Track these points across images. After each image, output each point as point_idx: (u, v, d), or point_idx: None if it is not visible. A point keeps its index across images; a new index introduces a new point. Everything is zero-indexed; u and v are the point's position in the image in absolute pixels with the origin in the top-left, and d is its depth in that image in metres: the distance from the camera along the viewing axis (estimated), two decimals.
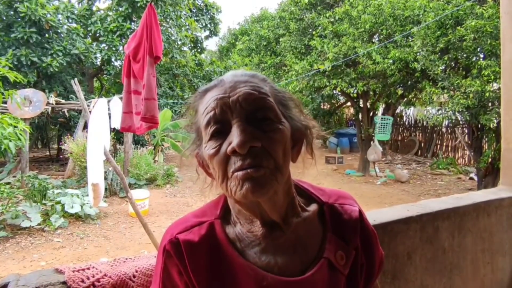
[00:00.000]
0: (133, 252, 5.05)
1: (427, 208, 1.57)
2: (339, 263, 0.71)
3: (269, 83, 0.70)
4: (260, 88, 0.65)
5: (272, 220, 0.68)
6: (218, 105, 0.63)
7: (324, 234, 0.74)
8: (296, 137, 0.69)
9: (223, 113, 0.63)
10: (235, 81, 0.65)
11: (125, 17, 11.25)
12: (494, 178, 7.10)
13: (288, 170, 0.67)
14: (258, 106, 0.63)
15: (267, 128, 0.63)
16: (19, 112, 7.19)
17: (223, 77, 0.68)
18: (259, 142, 0.60)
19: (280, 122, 0.64)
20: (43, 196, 6.33)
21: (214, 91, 0.66)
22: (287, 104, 0.70)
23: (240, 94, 0.63)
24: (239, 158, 0.60)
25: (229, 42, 23.39)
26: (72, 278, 0.91)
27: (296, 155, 0.70)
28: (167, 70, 13.12)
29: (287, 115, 0.68)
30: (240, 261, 0.67)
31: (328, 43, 8.82)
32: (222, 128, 0.63)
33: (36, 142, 14.56)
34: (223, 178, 0.63)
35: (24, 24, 9.66)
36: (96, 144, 4.58)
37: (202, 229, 0.71)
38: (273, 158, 0.62)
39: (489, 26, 6.20)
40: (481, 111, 6.54)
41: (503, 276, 1.91)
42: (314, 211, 0.75)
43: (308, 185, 0.81)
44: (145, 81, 3.06)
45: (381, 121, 9.79)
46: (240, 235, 0.70)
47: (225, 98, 0.63)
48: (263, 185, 0.60)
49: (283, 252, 0.69)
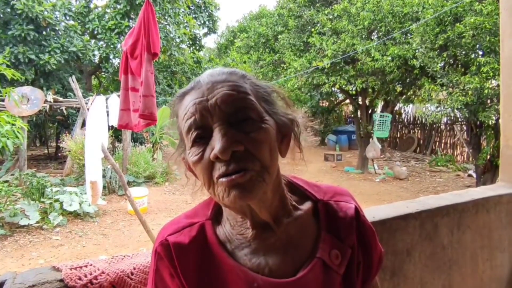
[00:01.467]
0: (132, 250, 5.05)
1: (426, 205, 1.57)
2: (333, 262, 0.70)
3: (249, 79, 0.67)
4: (239, 86, 0.62)
5: (262, 220, 0.67)
6: (197, 110, 0.61)
7: (318, 232, 0.72)
8: (283, 132, 0.67)
9: (203, 118, 0.61)
10: (212, 82, 0.63)
11: (123, 15, 11.20)
12: (492, 175, 7.11)
13: (275, 168, 0.65)
14: (238, 107, 0.61)
15: (249, 128, 0.60)
16: (16, 110, 7.16)
17: (200, 78, 0.66)
18: (241, 145, 0.58)
19: (262, 121, 0.62)
20: (42, 194, 6.32)
21: (192, 95, 0.64)
22: (269, 99, 0.67)
23: (218, 96, 0.60)
24: (223, 163, 0.59)
25: (228, 40, 23.32)
26: (70, 275, 0.90)
27: (285, 149, 0.68)
28: (165, 68, 13.09)
29: (271, 111, 0.66)
30: (230, 262, 0.66)
31: (327, 40, 8.80)
32: (203, 133, 0.61)
33: (34, 140, 14.52)
34: (209, 183, 0.62)
35: (21, 21, 9.60)
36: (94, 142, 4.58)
37: (193, 231, 0.70)
38: (258, 159, 0.60)
39: (488, 22, 6.20)
40: (480, 108, 6.55)
41: (502, 273, 1.92)
42: (308, 209, 0.73)
43: (303, 181, 0.79)
44: (143, 78, 3.05)
45: (380, 118, 9.79)
46: (230, 236, 0.69)
47: (203, 101, 0.61)
48: (250, 190, 0.59)
49: (274, 253, 0.68)
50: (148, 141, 10.60)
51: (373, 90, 9.77)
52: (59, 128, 11.93)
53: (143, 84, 3.08)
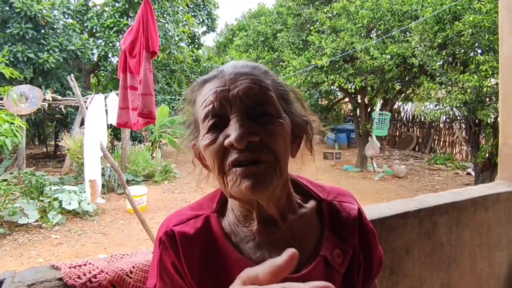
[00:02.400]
0: (131, 248, 5.05)
1: (424, 203, 1.57)
2: (335, 261, 0.70)
3: (271, 76, 0.67)
4: (261, 81, 0.63)
5: (268, 214, 0.67)
6: (217, 98, 0.61)
7: (321, 231, 0.72)
8: (296, 133, 0.68)
9: (222, 107, 0.61)
10: (236, 73, 0.63)
11: (122, 13, 11.17)
12: (491, 173, 7.13)
13: (287, 164, 0.66)
14: (258, 101, 0.61)
15: (266, 122, 0.61)
16: (15, 108, 7.14)
17: (223, 68, 0.66)
18: (257, 136, 0.59)
19: (280, 117, 0.63)
20: (41, 193, 6.31)
21: (213, 83, 0.64)
22: (288, 98, 0.68)
23: (240, 88, 0.61)
24: (236, 151, 0.59)
25: (227, 38, 23.28)
26: (68, 274, 0.90)
27: (296, 150, 0.69)
28: (164, 66, 13.07)
29: (288, 110, 0.66)
30: (235, 255, 0.67)
31: (326, 39, 8.79)
32: (220, 122, 0.61)
33: (33, 139, 14.50)
34: (220, 170, 0.62)
35: (20, 20, 9.57)
36: (93, 140, 4.57)
37: (198, 222, 0.70)
38: (272, 151, 0.60)
39: (487, 21, 6.20)
40: (478, 106, 6.55)
41: (500, 270, 1.92)
42: (312, 208, 0.74)
43: (307, 181, 0.79)
44: (142, 76, 3.04)
45: (379, 116, 9.80)
46: (235, 229, 0.70)
47: (224, 91, 0.61)
48: (263, 182, 0.59)
49: (278, 249, 0.67)
50: (147, 140, 10.59)
51: (372, 89, 9.77)
52: (58, 127, 11.92)
53: (142, 82, 3.08)
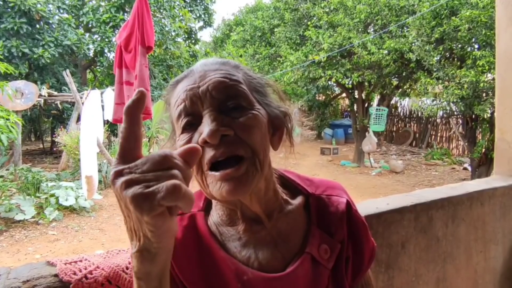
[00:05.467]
0: (129, 244, 5.05)
1: (421, 198, 1.58)
2: (322, 257, 0.69)
3: (242, 70, 0.66)
4: (231, 75, 0.62)
5: (253, 213, 0.66)
6: (188, 96, 0.60)
7: (308, 227, 0.71)
8: (276, 125, 0.67)
9: (193, 105, 0.60)
10: (205, 70, 0.62)
11: (118, 8, 11.08)
12: (487, 168, 7.17)
13: (267, 157, 0.64)
14: (229, 95, 0.60)
15: (239, 115, 0.60)
16: (10, 104, 7.10)
17: (193, 67, 0.65)
18: (231, 130, 0.58)
19: (253, 108, 0.61)
20: (37, 189, 6.29)
21: (184, 82, 0.63)
22: (262, 90, 0.67)
23: (209, 83, 0.60)
24: (212, 147, 0.57)
25: (224, 33, 23.15)
26: (64, 270, 0.89)
27: (277, 142, 0.68)
28: (161, 62, 12.99)
29: (263, 102, 0.65)
30: (222, 254, 0.66)
31: (323, 34, 8.77)
32: (193, 120, 0.60)
33: (29, 135, 14.43)
34: (197, 170, 0.61)
35: (14, 15, 9.46)
36: (89, 136, 4.55)
37: (184, 221, 0.69)
38: (249, 145, 0.59)
39: (484, 16, 6.20)
40: (475, 101, 6.58)
41: (496, 265, 1.94)
42: (299, 204, 0.73)
43: (295, 175, 0.78)
44: (137, 72, 3.02)
45: (376, 112, 9.81)
46: (221, 228, 0.69)
47: (194, 88, 0.60)
48: (244, 183, 0.58)
49: (264, 247, 0.67)
50: (144, 136, 10.57)
51: (369, 84, 9.77)
52: (54, 123, 11.85)
53: (137, 77, 3.06)
